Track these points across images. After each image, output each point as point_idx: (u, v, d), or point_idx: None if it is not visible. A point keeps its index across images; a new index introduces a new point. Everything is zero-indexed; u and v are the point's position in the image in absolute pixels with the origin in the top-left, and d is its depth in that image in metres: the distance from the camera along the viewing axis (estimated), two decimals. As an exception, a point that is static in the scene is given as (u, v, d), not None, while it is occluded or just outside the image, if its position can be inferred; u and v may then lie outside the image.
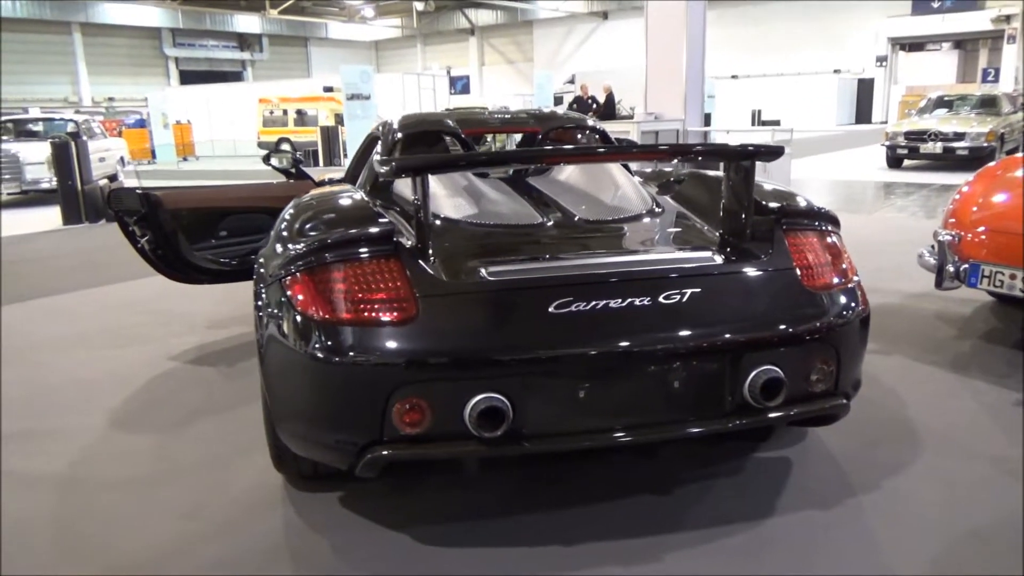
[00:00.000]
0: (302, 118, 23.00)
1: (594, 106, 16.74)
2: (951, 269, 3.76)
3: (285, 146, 21.31)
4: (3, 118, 14.54)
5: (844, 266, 2.40)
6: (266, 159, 4.74)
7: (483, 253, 2.35)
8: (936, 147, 12.53)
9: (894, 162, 13.48)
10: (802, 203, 2.59)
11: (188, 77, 38.97)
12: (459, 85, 41.94)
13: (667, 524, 2.38)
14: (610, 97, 15.70)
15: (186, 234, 4.14)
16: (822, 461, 2.77)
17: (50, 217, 10.11)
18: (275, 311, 2.21)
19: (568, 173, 3.23)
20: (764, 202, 2.52)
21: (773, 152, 2.40)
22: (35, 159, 11.71)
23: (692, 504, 2.49)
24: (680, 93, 8.91)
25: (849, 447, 2.86)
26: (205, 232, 4.27)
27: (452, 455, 2.09)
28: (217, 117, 24.76)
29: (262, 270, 2.39)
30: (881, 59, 32.24)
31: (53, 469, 2.85)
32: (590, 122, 3.96)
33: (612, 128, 8.99)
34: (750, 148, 2.36)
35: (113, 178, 14.83)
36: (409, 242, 2.23)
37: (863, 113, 33.03)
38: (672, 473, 2.68)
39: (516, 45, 42.67)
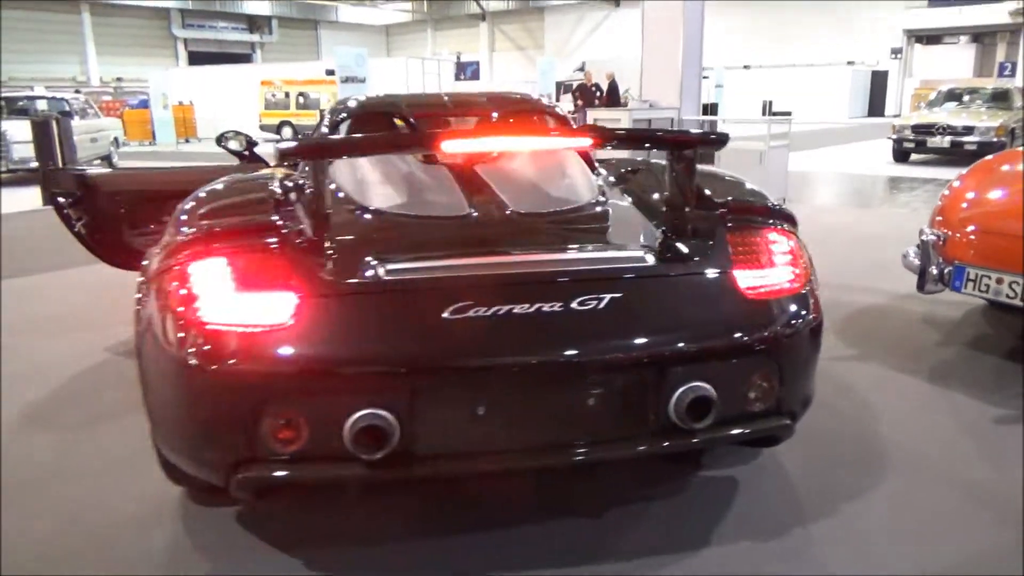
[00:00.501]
0: (305, 101, 22.77)
1: (598, 94, 16.41)
2: (934, 271, 3.49)
3: (286, 130, 21.10)
4: (-6, 95, 14.35)
5: (796, 270, 2.14)
6: (219, 140, 4.52)
7: (390, 247, 2.11)
8: (944, 141, 12.14)
9: (901, 156, 13.12)
10: (754, 199, 2.33)
11: (197, 58, 38.75)
12: (469, 71, 41.64)
13: (589, 552, 2.14)
14: (613, 84, 15.36)
15: (127, 219, 3.92)
16: (774, 482, 2.52)
17: (33, 197, 9.92)
18: (149, 307, 1.98)
19: (518, 161, 2.98)
20: (715, 196, 2.26)
21: (716, 141, 2.14)
22: (22, 137, 11.48)
23: (622, 529, 2.25)
24: (676, 81, 8.60)
25: (807, 466, 2.61)
26: (148, 217, 4.04)
27: (331, 478, 1.85)
28: (220, 99, 24.55)
29: (145, 262, 2.16)
30: (896, 51, 31.65)
31: (-59, 470, 2.64)
32: (558, 109, 3.70)
33: (603, 116, 8.73)
34: (690, 135, 2.10)
35: (107, 159, 14.67)
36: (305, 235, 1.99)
37: (876, 106, 32.49)
38: (607, 492, 2.44)
39: (527, 32, 42.20)
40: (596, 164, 3.28)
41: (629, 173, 2.91)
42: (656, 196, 2.55)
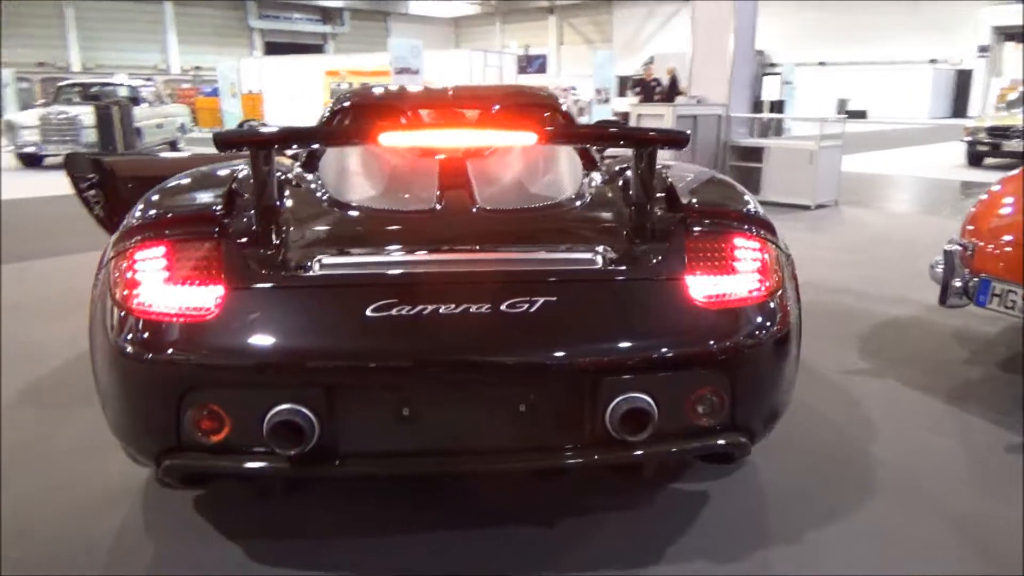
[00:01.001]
0: (369, 92, 23.02)
1: (658, 89, 16.13)
2: (957, 284, 3.26)
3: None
4: (67, 83, 14.98)
5: (761, 279, 1.99)
6: (240, 128, 4.58)
7: (333, 241, 2.07)
8: (1020, 145, 11.46)
9: (975, 159, 12.46)
10: (724, 201, 2.20)
11: (272, 49, 39.78)
12: (536, 64, 41.46)
13: (536, 561, 2.06)
14: (674, 79, 15.06)
15: (140, 203, 4.00)
16: (745, 500, 2.39)
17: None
18: (97, 291, 2.00)
19: (508, 157, 2.90)
20: (684, 198, 2.15)
21: (676, 140, 2.02)
22: (91, 123, 11.97)
23: (572, 541, 2.16)
24: (725, 77, 8.32)
25: (787, 485, 2.47)
26: None
27: (253, 471, 1.82)
28: (288, 89, 25.06)
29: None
30: (984, 49, 30.07)
31: (-70, 441, 2.74)
32: (564, 106, 3.60)
33: (647, 112, 8.53)
34: (650, 134, 2.00)
35: (173, 144, 15.18)
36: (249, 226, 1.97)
37: (961, 106, 31.02)
38: (566, 501, 2.35)
39: (595, 25, 41.82)
40: (598, 160, 3.18)
41: (618, 173, 2.79)
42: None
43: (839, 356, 3.64)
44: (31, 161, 12.05)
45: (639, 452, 1.84)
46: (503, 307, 1.76)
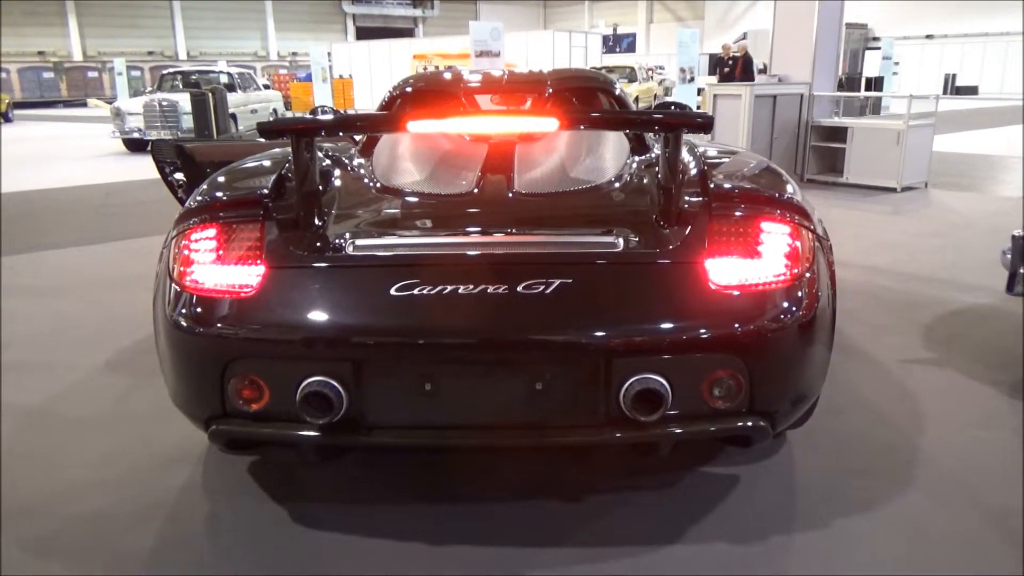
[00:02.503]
0: (455, 75, 23.26)
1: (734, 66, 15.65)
2: (1025, 272, 3.11)
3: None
4: (170, 71, 15.81)
5: (787, 264, 1.99)
6: (312, 115, 4.78)
7: (370, 225, 2.19)
8: None
9: (1090, 138, 11.58)
10: (757, 186, 2.19)
11: (364, 33, 40.78)
12: (624, 43, 40.81)
13: (553, 536, 2.14)
14: (747, 58, 14.50)
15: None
16: (776, 486, 2.39)
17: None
18: (160, 267, 2.19)
19: (556, 141, 2.96)
20: (717, 183, 2.16)
21: (700, 124, 2.03)
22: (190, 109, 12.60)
23: (595, 517, 2.23)
24: (808, 54, 8.02)
25: (822, 473, 2.45)
26: None
27: (287, 438, 1.97)
28: (377, 72, 25.67)
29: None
30: (1113, 17, 27.71)
31: (28, 401, 3.04)
32: (618, 89, 3.62)
33: (723, 91, 8.31)
34: (671, 117, 2.02)
35: (267, 129, 15.78)
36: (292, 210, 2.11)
37: (1086, 80, 28.72)
38: (593, 478, 2.42)
39: (686, 2, 40.78)
40: (649, 144, 3.19)
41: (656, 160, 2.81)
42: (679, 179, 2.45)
43: (901, 345, 3.54)
44: (135, 146, 12.82)
45: (654, 432, 1.89)
46: (519, 288, 1.84)
